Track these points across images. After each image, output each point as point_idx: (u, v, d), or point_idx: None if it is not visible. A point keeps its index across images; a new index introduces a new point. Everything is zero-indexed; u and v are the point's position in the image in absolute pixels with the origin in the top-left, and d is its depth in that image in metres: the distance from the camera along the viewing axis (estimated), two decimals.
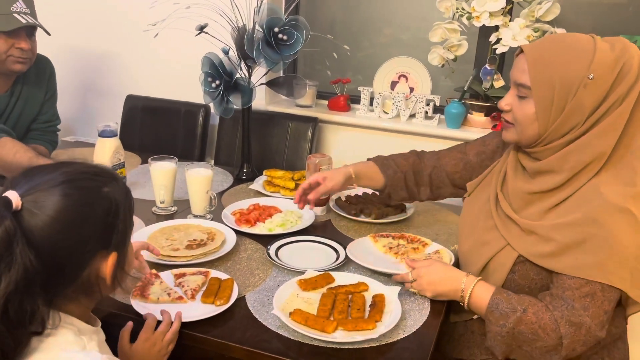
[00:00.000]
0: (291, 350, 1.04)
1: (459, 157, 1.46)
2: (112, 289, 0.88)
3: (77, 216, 0.78)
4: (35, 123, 1.96)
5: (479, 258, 1.22)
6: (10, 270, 0.71)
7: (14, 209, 0.74)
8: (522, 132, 1.14)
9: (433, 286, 1.19)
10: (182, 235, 1.43)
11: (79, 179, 0.81)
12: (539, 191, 1.15)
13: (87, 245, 0.80)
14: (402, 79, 2.27)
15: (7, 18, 1.66)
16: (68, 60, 2.50)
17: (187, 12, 1.83)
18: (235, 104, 1.84)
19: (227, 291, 1.18)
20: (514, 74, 1.14)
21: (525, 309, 1.07)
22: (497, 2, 1.90)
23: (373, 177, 1.51)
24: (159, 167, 1.60)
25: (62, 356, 0.77)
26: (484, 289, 1.14)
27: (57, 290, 0.79)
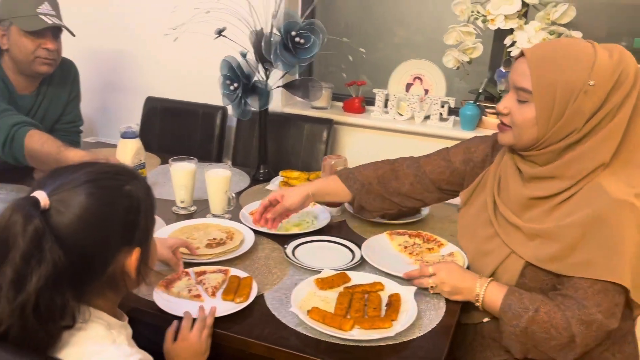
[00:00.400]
0: (309, 347, 1.07)
1: (444, 165, 1.43)
2: (137, 284, 0.91)
3: (101, 214, 0.82)
4: (59, 123, 2.01)
5: (484, 268, 1.23)
6: (41, 267, 0.75)
7: (42, 208, 0.78)
8: (519, 136, 1.15)
9: (452, 281, 1.20)
10: (201, 235, 1.46)
11: (102, 179, 0.84)
12: (541, 196, 1.16)
13: (111, 242, 0.84)
14: (416, 81, 2.29)
15: (33, 19, 1.73)
16: (90, 62, 2.55)
17: (206, 16, 1.87)
18: (253, 106, 1.88)
19: (247, 289, 1.21)
20: (514, 78, 1.14)
21: (537, 308, 1.08)
22: (512, 5, 1.91)
23: (337, 192, 1.50)
24: (179, 168, 1.64)
25: (93, 349, 0.81)
26: (497, 289, 1.15)
27: (84, 286, 0.83)
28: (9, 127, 1.62)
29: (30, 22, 1.73)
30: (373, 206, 1.49)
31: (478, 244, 1.28)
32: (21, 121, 1.66)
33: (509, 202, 1.23)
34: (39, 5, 1.75)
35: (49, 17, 1.76)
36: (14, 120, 1.65)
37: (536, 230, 1.15)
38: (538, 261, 1.14)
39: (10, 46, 1.77)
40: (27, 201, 0.77)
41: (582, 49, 1.08)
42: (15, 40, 1.75)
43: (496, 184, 1.28)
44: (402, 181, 1.46)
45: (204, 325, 1.09)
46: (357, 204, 1.49)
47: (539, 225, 1.15)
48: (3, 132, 1.62)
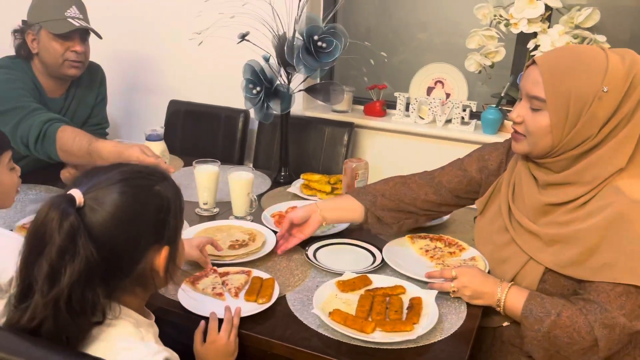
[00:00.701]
0: (330, 349, 1.08)
1: (461, 175, 1.42)
2: (165, 282, 0.93)
3: (133, 212, 0.84)
4: (86, 126, 2.06)
5: (503, 275, 1.23)
6: (74, 262, 0.77)
7: (77, 206, 0.80)
8: (534, 144, 1.14)
9: (473, 285, 1.20)
10: (224, 236, 1.48)
11: (134, 178, 0.87)
12: (558, 203, 1.15)
13: (142, 239, 0.86)
14: (438, 85, 2.28)
15: (62, 22, 1.78)
16: (116, 65, 2.60)
17: (230, 20, 1.90)
18: (275, 110, 1.90)
19: (269, 290, 1.23)
20: (526, 86, 1.13)
21: (560, 312, 1.08)
22: (535, 9, 1.90)
23: (347, 206, 1.47)
24: (202, 170, 1.67)
25: (122, 346, 0.83)
26: (518, 294, 1.15)
27: (115, 282, 0.85)
28: (41, 124, 1.67)
29: (59, 26, 1.78)
30: (389, 216, 1.46)
31: (495, 251, 1.28)
32: (53, 118, 1.71)
33: (524, 208, 1.23)
34: (67, 9, 1.80)
35: (77, 20, 1.81)
36: (45, 117, 1.70)
37: (554, 235, 1.14)
38: (558, 267, 1.13)
39: (40, 50, 1.82)
40: (64, 198, 0.80)
41: (594, 55, 1.08)
42: (45, 44, 1.81)
43: (510, 191, 1.28)
44: (416, 192, 1.45)
45: (232, 326, 1.11)
46: (372, 217, 1.46)
47: (557, 230, 1.14)
48: (35, 128, 1.66)
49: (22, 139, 1.68)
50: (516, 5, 1.93)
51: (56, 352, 0.76)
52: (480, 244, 1.37)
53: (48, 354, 0.74)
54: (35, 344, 0.78)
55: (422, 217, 1.50)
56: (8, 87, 1.75)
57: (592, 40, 1.89)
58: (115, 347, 0.83)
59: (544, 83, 1.09)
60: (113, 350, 0.82)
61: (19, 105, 1.71)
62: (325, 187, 1.85)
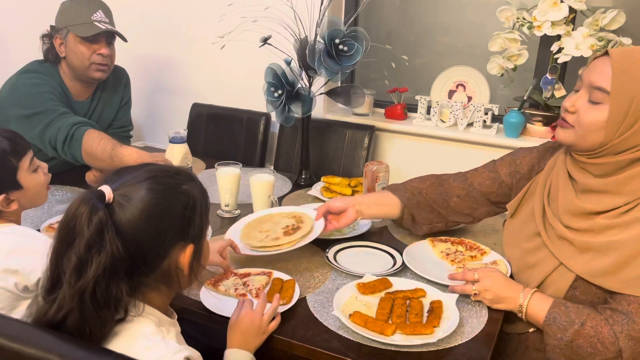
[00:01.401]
0: (351, 351, 1.09)
1: (492, 177, 1.41)
2: (189, 281, 0.95)
3: (159, 209, 0.86)
4: (111, 128, 2.10)
5: (531, 279, 1.21)
6: (100, 255, 0.80)
7: (107, 201, 0.83)
8: (583, 137, 1.11)
9: (495, 289, 1.19)
10: (271, 225, 1.47)
11: (162, 176, 0.90)
12: (595, 211, 1.13)
13: (167, 236, 0.88)
14: (459, 88, 2.27)
15: (88, 26, 1.84)
16: (139, 68, 2.65)
17: (252, 24, 1.92)
18: (296, 113, 1.91)
19: (290, 291, 1.24)
20: (591, 77, 1.10)
21: (584, 322, 1.06)
22: (559, 12, 1.88)
23: (386, 202, 1.47)
24: (224, 172, 1.69)
25: (144, 345, 0.84)
26: (541, 301, 1.14)
27: (140, 278, 0.87)
28: (69, 126, 1.71)
29: (85, 29, 1.83)
30: (423, 217, 1.47)
31: (524, 255, 1.26)
32: (80, 121, 1.75)
33: (559, 212, 1.20)
34: (94, 13, 1.85)
35: (103, 24, 1.86)
36: (73, 120, 1.74)
37: (588, 244, 1.12)
38: (589, 275, 1.11)
39: (68, 53, 1.87)
40: (94, 194, 0.83)
41: None
42: (72, 47, 1.85)
43: (546, 192, 1.25)
44: (449, 194, 1.45)
45: (265, 305, 1.13)
46: (407, 214, 1.46)
47: (591, 239, 1.12)
48: (63, 131, 1.71)
49: (50, 142, 1.72)
50: (540, 7, 1.91)
51: (84, 348, 0.78)
52: (509, 246, 1.34)
53: (75, 350, 0.76)
54: (63, 340, 0.80)
55: (452, 222, 1.50)
56: (37, 90, 1.79)
57: (618, 43, 1.86)
58: (136, 344, 0.84)
59: (613, 76, 1.05)
60: (134, 347, 0.84)
61: (48, 108, 1.76)
62: (345, 190, 1.86)
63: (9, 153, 1.17)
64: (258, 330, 1.10)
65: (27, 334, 0.77)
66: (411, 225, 1.49)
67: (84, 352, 0.75)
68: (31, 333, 0.78)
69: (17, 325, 0.81)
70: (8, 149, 1.17)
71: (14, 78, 1.85)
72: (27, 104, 1.77)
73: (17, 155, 1.19)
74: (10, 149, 1.18)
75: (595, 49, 1.86)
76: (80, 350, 0.75)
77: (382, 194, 1.50)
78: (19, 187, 1.20)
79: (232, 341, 1.08)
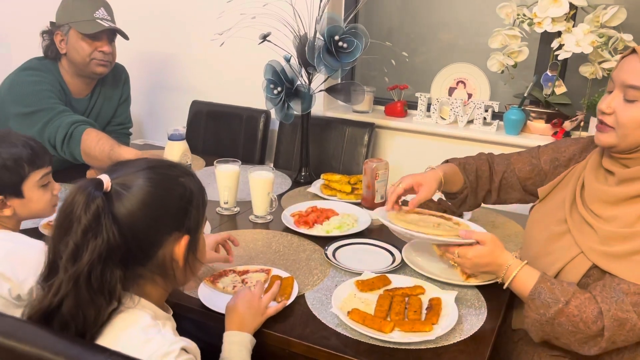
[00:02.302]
0: (349, 348, 1.08)
1: (534, 163, 1.40)
2: (185, 276, 0.95)
3: (155, 197, 0.88)
4: (110, 125, 2.10)
5: (550, 265, 1.19)
6: (96, 240, 0.82)
7: (105, 190, 0.85)
8: (624, 137, 1.10)
9: (475, 268, 1.18)
10: (419, 219, 1.35)
11: (159, 167, 0.92)
12: (626, 197, 1.12)
13: (162, 224, 0.89)
14: (460, 85, 2.27)
15: (91, 23, 1.83)
16: (139, 66, 2.65)
17: (251, 21, 1.92)
18: (296, 110, 1.91)
19: (288, 289, 1.23)
20: (622, 76, 1.10)
21: (568, 301, 1.06)
22: (560, 8, 1.87)
23: (456, 180, 1.44)
24: (224, 170, 1.68)
25: (141, 337, 0.84)
26: (529, 274, 1.12)
27: (135, 266, 0.89)
28: (68, 125, 1.71)
29: (88, 26, 1.83)
30: (471, 201, 1.46)
31: (547, 240, 1.24)
32: (79, 120, 1.75)
33: (590, 201, 1.19)
34: (96, 11, 1.85)
35: (105, 22, 1.86)
36: (72, 119, 1.74)
37: (611, 233, 1.11)
38: (605, 263, 1.10)
39: (69, 50, 1.87)
40: (92, 182, 0.85)
41: None
42: (74, 44, 1.85)
43: (580, 183, 1.24)
44: (492, 178, 1.45)
45: (263, 288, 1.15)
46: (464, 196, 1.45)
47: (616, 229, 1.11)
48: (62, 130, 1.71)
49: (49, 140, 1.72)
50: (540, 4, 1.90)
51: (79, 345, 0.78)
52: (535, 230, 1.31)
53: (70, 347, 0.76)
54: (58, 337, 0.80)
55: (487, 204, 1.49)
56: (36, 88, 1.79)
57: (618, 40, 1.85)
58: (131, 335, 0.85)
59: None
60: (129, 338, 0.85)
61: (47, 106, 1.76)
62: (345, 187, 1.85)
63: (25, 161, 1.18)
64: (256, 311, 1.11)
65: (21, 331, 0.77)
66: (459, 204, 1.47)
67: (78, 349, 0.74)
68: (26, 330, 0.78)
69: (12, 322, 0.81)
70: (26, 157, 1.18)
71: (13, 75, 1.85)
72: (26, 101, 1.77)
73: (33, 166, 1.19)
74: (28, 158, 1.18)
75: (596, 45, 1.85)
76: (75, 347, 0.75)
77: (453, 169, 1.44)
78: (20, 196, 1.19)
79: (230, 324, 1.09)
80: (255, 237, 1.56)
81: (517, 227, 1.68)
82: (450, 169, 1.44)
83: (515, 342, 1.28)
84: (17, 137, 1.20)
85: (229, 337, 1.07)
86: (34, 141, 1.22)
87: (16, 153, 1.17)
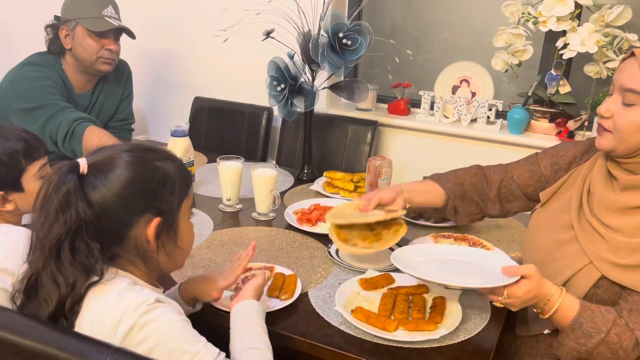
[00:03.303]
0: (353, 346, 1.08)
1: (533, 170, 1.38)
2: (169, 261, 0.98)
3: (125, 178, 0.90)
4: (112, 121, 2.09)
5: (558, 273, 1.17)
6: (65, 214, 0.86)
7: (81, 172, 0.89)
8: (622, 141, 1.09)
9: (523, 305, 1.10)
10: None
11: (136, 150, 0.95)
12: (635, 206, 1.11)
13: (132, 205, 0.91)
14: (463, 84, 2.26)
15: (99, 21, 1.83)
16: (142, 62, 2.64)
17: (255, 17, 1.91)
18: (299, 107, 1.90)
19: (292, 286, 1.23)
20: (621, 79, 1.09)
21: (609, 330, 1.04)
22: (565, 7, 1.87)
23: (431, 192, 1.44)
24: (226, 167, 1.68)
25: (114, 299, 0.87)
26: (570, 304, 1.08)
27: (113, 247, 0.91)
28: (70, 122, 1.70)
29: (96, 23, 1.82)
30: (465, 209, 1.45)
31: (556, 246, 1.21)
32: (81, 117, 1.74)
33: (597, 208, 1.17)
34: (104, 8, 1.85)
35: (114, 20, 1.85)
36: (74, 115, 1.73)
37: (623, 243, 1.09)
38: (616, 274, 1.09)
39: (74, 46, 1.86)
40: (68, 165, 0.89)
41: None
42: (80, 40, 1.84)
43: (586, 188, 1.22)
44: (490, 186, 1.42)
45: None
46: (451, 205, 1.44)
47: (626, 238, 1.09)
48: (64, 126, 1.70)
49: (51, 136, 1.72)
50: (545, 2, 1.89)
51: (84, 341, 0.78)
52: (539, 236, 1.29)
53: (74, 343, 0.75)
54: (62, 333, 0.80)
55: (488, 215, 1.47)
56: (38, 84, 1.78)
57: (624, 39, 1.85)
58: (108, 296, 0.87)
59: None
60: (103, 302, 0.87)
61: (49, 102, 1.75)
62: (348, 185, 1.85)
63: (21, 154, 1.17)
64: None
65: (25, 326, 0.77)
66: (453, 216, 1.47)
67: (83, 344, 0.74)
68: (31, 325, 0.78)
69: (16, 317, 0.81)
70: (21, 150, 1.17)
71: (15, 71, 1.84)
72: (28, 97, 1.76)
73: (29, 158, 1.19)
74: (23, 151, 1.17)
75: (601, 44, 1.85)
76: (80, 343, 0.74)
77: (427, 183, 1.47)
78: (20, 190, 1.18)
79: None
80: (258, 235, 1.55)
81: (521, 227, 1.67)
82: (420, 182, 1.47)
83: (517, 345, 1.27)
84: (10, 130, 1.19)
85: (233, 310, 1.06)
86: (27, 133, 1.21)
87: (10, 147, 1.16)
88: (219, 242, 1.50)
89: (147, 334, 0.83)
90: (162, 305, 0.87)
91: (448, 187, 1.44)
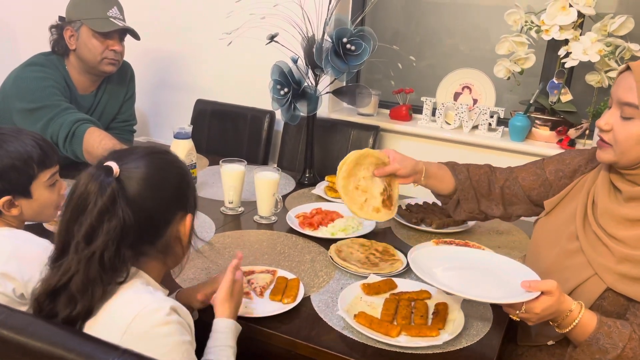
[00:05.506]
0: (355, 351, 1.08)
1: (538, 174, 1.37)
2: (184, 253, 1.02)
3: (159, 179, 0.95)
4: (114, 122, 2.09)
5: (563, 283, 1.15)
6: (112, 222, 0.87)
7: (115, 175, 0.90)
8: (622, 154, 1.10)
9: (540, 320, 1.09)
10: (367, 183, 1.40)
11: (156, 152, 0.99)
12: (634, 219, 1.11)
13: (168, 203, 0.96)
14: (465, 90, 2.27)
15: (105, 22, 1.84)
16: (144, 63, 2.64)
17: (260, 21, 1.92)
18: (302, 111, 1.90)
19: (294, 290, 1.23)
20: (619, 93, 1.09)
21: (625, 346, 1.04)
22: (568, 16, 1.88)
23: (443, 178, 1.43)
24: (229, 169, 1.68)
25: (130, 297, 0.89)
26: (588, 319, 1.07)
27: (144, 245, 0.94)
28: (71, 123, 1.70)
29: (101, 24, 1.83)
30: (467, 206, 1.44)
31: (559, 257, 1.22)
32: (82, 118, 1.74)
33: (602, 219, 1.17)
34: (110, 9, 1.86)
35: (119, 21, 1.86)
36: (76, 117, 1.73)
37: (628, 255, 1.09)
38: (622, 286, 1.09)
39: (79, 46, 1.86)
40: (102, 170, 0.90)
41: None
42: (85, 41, 1.85)
43: (590, 199, 1.22)
44: (494, 185, 1.42)
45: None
46: (455, 197, 1.44)
47: (632, 251, 1.09)
48: (65, 128, 1.70)
49: (52, 137, 1.72)
50: (548, 11, 1.91)
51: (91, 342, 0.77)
52: (544, 246, 1.29)
53: (82, 344, 0.75)
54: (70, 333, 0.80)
55: (490, 216, 1.47)
56: (40, 85, 1.79)
57: (625, 49, 1.86)
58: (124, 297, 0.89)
59: (638, 89, 1.05)
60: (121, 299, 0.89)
61: (51, 103, 1.75)
62: None
63: (35, 161, 1.17)
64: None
65: (33, 327, 0.77)
66: (453, 208, 1.46)
67: (90, 346, 0.74)
68: (38, 326, 0.78)
69: (24, 318, 0.80)
70: (35, 157, 1.17)
71: (18, 70, 1.84)
72: (30, 97, 1.76)
73: (42, 166, 1.19)
74: (37, 158, 1.18)
75: (603, 54, 1.86)
76: (87, 344, 0.74)
77: (442, 168, 1.45)
78: (29, 196, 1.18)
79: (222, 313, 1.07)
80: (260, 238, 1.55)
81: (522, 234, 1.68)
82: (437, 166, 1.45)
83: (519, 354, 1.27)
84: (27, 136, 1.19)
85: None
86: (44, 140, 1.21)
87: (26, 153, 1.16)
88: (220, 244, 1.50)
89: (155, 344, 0.85)
90: (176, 320, 0.88)
91: (459, 178, 1.43)
